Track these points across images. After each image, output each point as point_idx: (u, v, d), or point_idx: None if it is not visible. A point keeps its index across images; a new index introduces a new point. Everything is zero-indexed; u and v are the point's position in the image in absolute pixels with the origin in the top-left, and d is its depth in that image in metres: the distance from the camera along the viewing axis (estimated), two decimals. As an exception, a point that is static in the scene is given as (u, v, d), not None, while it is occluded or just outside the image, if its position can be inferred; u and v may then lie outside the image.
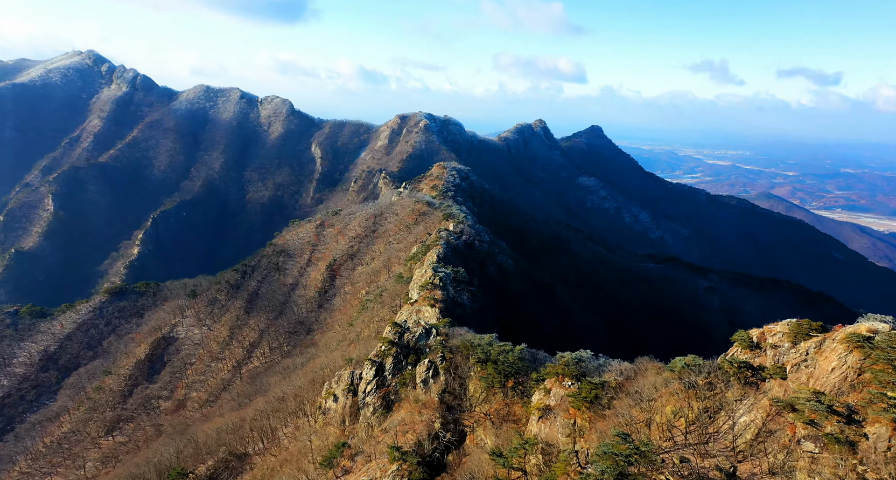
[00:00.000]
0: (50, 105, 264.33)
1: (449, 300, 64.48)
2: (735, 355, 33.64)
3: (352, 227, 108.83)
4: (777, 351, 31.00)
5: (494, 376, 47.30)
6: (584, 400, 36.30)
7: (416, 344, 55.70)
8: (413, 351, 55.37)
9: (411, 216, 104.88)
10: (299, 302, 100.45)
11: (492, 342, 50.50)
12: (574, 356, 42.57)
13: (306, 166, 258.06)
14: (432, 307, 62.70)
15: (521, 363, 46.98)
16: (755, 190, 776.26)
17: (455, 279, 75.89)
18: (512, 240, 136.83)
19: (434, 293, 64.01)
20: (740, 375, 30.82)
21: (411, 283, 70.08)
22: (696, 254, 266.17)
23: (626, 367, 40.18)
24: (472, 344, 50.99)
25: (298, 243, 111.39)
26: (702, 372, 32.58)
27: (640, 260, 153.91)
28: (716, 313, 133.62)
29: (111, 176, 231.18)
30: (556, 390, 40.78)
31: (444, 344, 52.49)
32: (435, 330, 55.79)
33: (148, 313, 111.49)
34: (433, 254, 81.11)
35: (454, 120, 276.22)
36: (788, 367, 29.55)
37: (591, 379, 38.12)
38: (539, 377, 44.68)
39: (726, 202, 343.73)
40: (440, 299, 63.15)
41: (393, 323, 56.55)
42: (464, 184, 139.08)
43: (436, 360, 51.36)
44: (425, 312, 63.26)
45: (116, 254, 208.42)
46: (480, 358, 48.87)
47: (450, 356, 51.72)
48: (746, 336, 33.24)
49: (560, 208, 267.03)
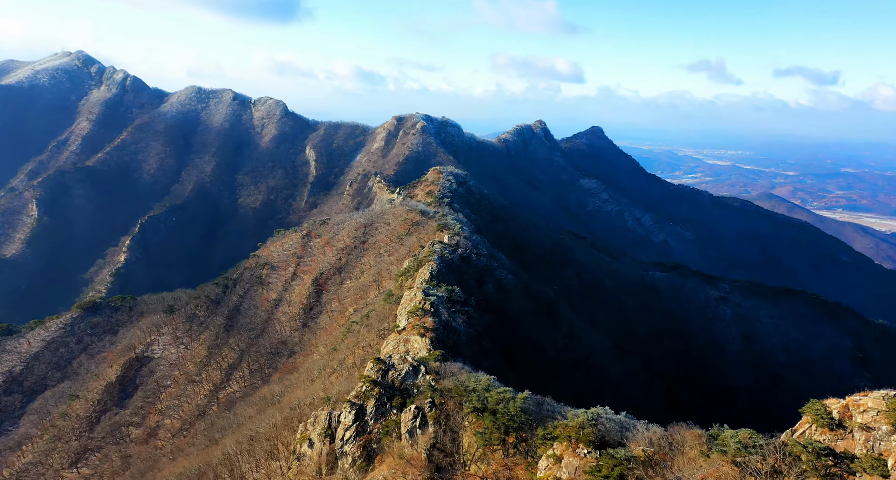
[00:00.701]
0: (37, 107, 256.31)
1: (441, 327, 56.69)
2: (809, 434, 25.68)
3: (340, 238, 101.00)
4: (870, 434, 23.10)
5: (492, 430, 39.47)
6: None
7: (403, 383, 47.77)
8: (399, 392, 47.45)
9: (404, 226, 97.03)
10: (282, 319, 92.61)
11: (489, 386, 42.67)
12: (590, 415, 34.71)
13: (300, 169, 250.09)
14: (422, 337, 54.95)
15: (525, 415, 39.11)
16: (756, 190, 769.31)
17: (450, 299, 68.05)
18: (512, 249, 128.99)
19: (424, 320, 56.18)
20: (820, 465, 22.92)
21: (399, 307, 62.22)
22: (700, 258, 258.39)
23: (656, 435, 32.22)
24: (467, 387, 43.12)
25: (283, 255, 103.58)
26: (764, 455, 24.64)
27: (646, 268, 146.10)
28: (728, 325, 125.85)
29: (98, 180, 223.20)
30: (569, 459, 32.98)
31: (433, 386, 44.65)
32: (424, 368, 47.87)
33: (123, 330, 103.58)
34: (426, 271, 73.28)
35: (452, 121, 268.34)
36: (891, 462, 21.74)
37: (614, 453, 30.21)
38: (547, 434, 36.87)
39: (729, 204, 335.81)
40: (431, 327, 55.37)
41: (375, 360, 48.63)
42: (461, 189, 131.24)
43: (424, 407, 43.48)
44: (414, 343, 55.51)
45: (103, 262, 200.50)
46: (476, 406, 41.03)
47: (440, 401, 43.84)
48: (823, 409, 25.28)
49: (561, 211, 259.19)
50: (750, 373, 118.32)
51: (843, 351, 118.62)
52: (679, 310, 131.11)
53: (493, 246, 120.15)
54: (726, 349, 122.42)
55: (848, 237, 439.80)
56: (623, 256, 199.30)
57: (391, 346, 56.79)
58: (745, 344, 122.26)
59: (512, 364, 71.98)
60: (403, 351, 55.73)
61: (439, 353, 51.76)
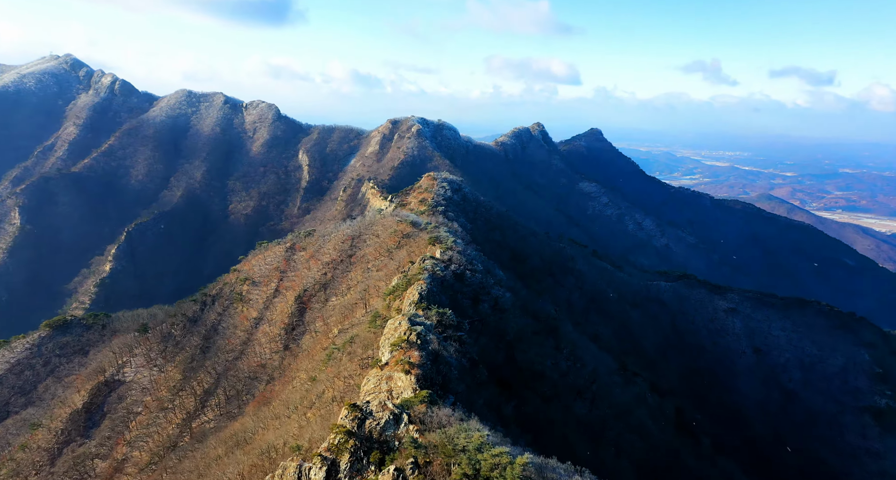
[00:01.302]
0: (23, 112, 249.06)
1: (429, 362, 49.66)
2: None
3: (326, 251, 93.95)
4: None
5: (486, 504, 32.54)
6: None
7: (382, 435, 40.62)
8: (377, 444, 40.30)
9: (393, 238, 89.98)
10: (263, 340, 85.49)
11: (482, 445, 35.65)
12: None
13: (293, 174, 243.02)
14: (407, 374, 47.95)
15: (525, 487, 32.15)
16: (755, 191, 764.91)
17: (441, 323, 61.03)
18: (510, 259, 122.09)
19: (409, 354, 49.14)
20: None
21: (382, 337, 55.14)
22: (703, 263, 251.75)
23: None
24: (456, 446, 36.02)
25: (265, 269, 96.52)
26: None
27: (651, 277, 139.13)
28: (738, 338, 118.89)
29: (85, 186, 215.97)
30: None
31: (416, 442, 37.62)
32: (407, 416, 40.74)
33: (94, 350, 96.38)
34: (414, 292, 66.24)
35: (448, 124, 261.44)
36: None
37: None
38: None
39: (731, 206, 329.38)
40: (417, 363, 48.36)
41: (351, 406, 41.54)
42: (456, 196, 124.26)
43: (405, 468, 36.37)
44: (398, 381, 48.51)
45: (87, 271, 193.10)
46: (466, 473, 34.04)
47: (425, 460, 36.81)
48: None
49: (560, 216, 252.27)
50: (762, 389, 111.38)
51: (860, 365, 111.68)
52: (686, 323, 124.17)
53: (490, 257, 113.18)
54: (737, 363, 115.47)
55: (849, 238, 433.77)
56: (626, 265, 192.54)
57: (372, 384, 49.73)
58: (757, 358, 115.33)
59: (510, 393, 65.00)
60: (386, 390, 48.62)
61: (426, 394, 44.59)
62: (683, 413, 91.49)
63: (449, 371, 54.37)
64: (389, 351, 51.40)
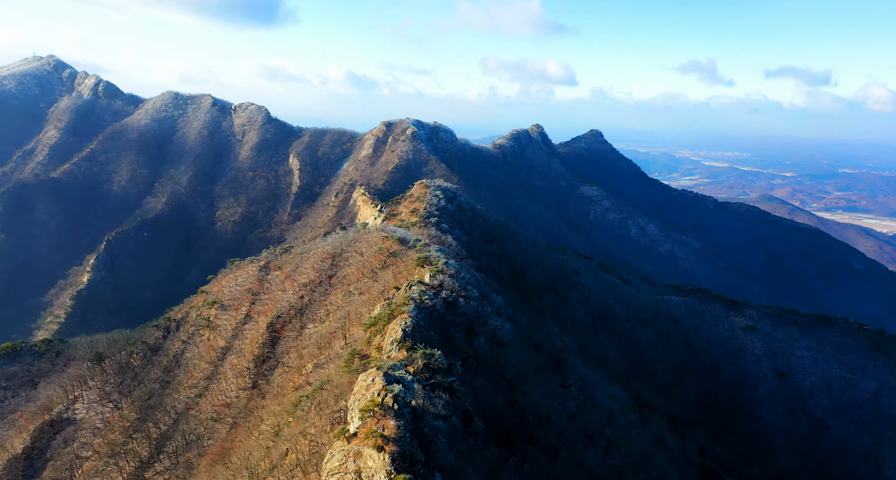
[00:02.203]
0: (3, 115, 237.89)
1: (408, 433, 38.96)
2: None
3: (303, 271, 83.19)
4: None
5: None
6: None
7: (340, 551, 30.06)
8: (333, 564, 29.74)
9: (378, 257, 79.16)
10: (229, 374, 74.61)
11: None
12: None
13: (283, 179, 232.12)
14: (380, 451, 37.43)
15: None
16: (754, 192, 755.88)
17: (427, 367, 50.35)
18: (510, 274, 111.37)
19: (384, 424, 38.36)
20: None
21: (352, 397, 44.23)
22: (709, 269, 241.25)
23: None
24: None
25: (236, 290, 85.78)
26: None
27: (661, 292, 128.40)
28: (758, 360, 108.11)
29: (64, 193, 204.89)
30: None
31: None
32: (374, 526, 30.17)
33: (44, 382, 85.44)
34: (397, 328, 55.43)
35: (445, 126, 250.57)
36: None
37: None
38: None
39: (735, 209, 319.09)
40: (393, 436, 37.62)
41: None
42: (450, 206, 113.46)
43: None
44: (369, 460, 37.75)
45: (64, 283, 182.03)
46: None
47: None
48: None
49: (560, 220, 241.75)
50: (788, 417, 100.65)
51: (894, 390, 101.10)
52: (701, 342, 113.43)
53: (489, 272, 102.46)
54: (758, 388, 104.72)
55: (851, 240, 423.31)
56: (628, 271, 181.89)
57: (336, 461, 38.90)
58: (780, 382, 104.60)
59: (512, 450, 54.26)
60: (353, 471, 37.75)
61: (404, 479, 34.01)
62: (706, 452, 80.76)
63: (436, 437, 43.45)
64: (359, 417, 40.60)
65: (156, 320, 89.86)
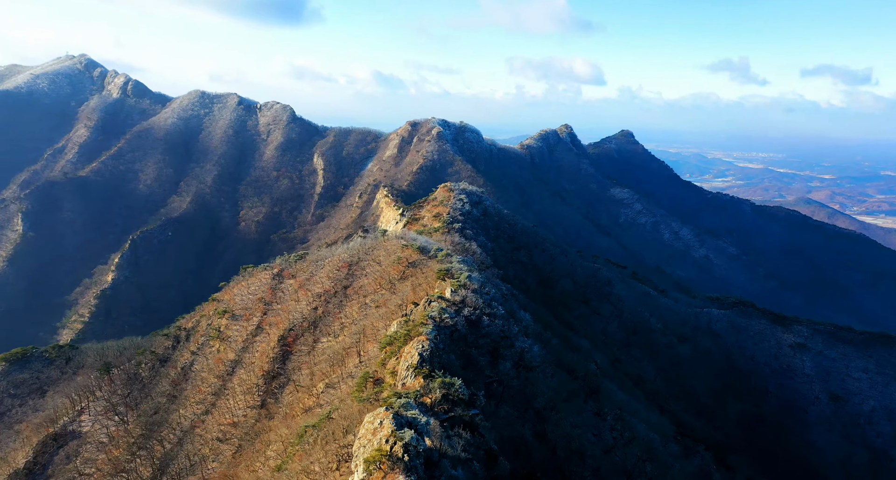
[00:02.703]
0: (35, 113, 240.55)
1: (421, 489, 33.33)
2: None
3: (318, 280, 78.17)
4: None
5: None
6: None
7: None
8: None
9: (397, 267, 73.54)
10: (238, 391, 69.94)
11: None
12: None
13: (307, 179, 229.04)
14: (386, 513, 31.95)
15: None
16: (791, 194, 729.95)
17: (446, 398, 44.49)
18: (537, 283, 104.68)
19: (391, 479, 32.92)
20: None
21: (356, 444, 38.56)
22: (746, 277, 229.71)
23: None
24: None
25: (248, 299, 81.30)
26: None
27: (700, 303, 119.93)
28: (809, 381, 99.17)
29: (91, 191, 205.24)
30: None
31: None
32: None
33: (52, 390, 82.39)
34: (413, 351, 49.61)
35: (471, 126, 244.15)
36: None
37: None
38: None
39: (773, 213, 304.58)
40: (402, 494, 32.22)
41: None
42: (475, 210, 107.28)
43: None
44: (373, 523, 32.50)
45: (89, 281, 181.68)
46: None
47: None
48: None
49: (589, 224, 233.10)
50: (844, 445, 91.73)
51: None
52: (744, 360, 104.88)
53: (515, 282, 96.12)
54: (809, 412, 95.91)
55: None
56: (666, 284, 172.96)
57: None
58: (834, 406, 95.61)
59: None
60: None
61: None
62: (754, 486, 73.02)
63: (453, 489, 37.63)
64: (364, 469, 34.99)
65: (166, 328, 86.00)
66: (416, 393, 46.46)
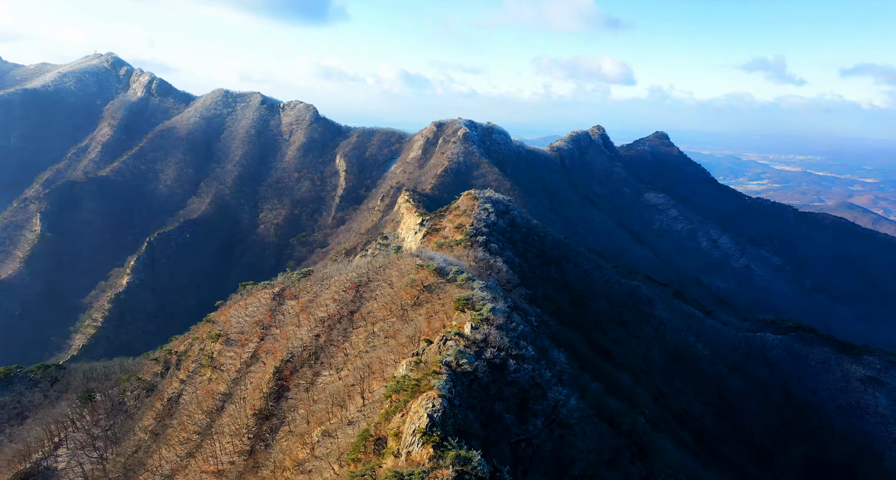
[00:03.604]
0: (62, 112, 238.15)
1: None
2: None
3: (322, 302, 68.50)
4: None
5: None
6: None
7: None
8: None
9: (410, 292, 63.16)
10: (227, 430, 60.57)
11: None
12: None
13: (328, 181, 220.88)
14: None
15: None
16: (831, 198, 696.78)
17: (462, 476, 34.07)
18: (569, 302, 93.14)
19: None
20: None
21: None
22: (792, 289, 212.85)
23: None
24: None
25: (245, 322, 72.14)
26: None
27: (752, 326, 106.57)
28: (884, 422, 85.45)
29: (111, 191, 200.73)
30: None
31: None
32: None
33: (33, 416, 74.52)
34: (422, 412, 39.14)
35: (498, 127, 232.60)
36: None
37: None
38: None
39: (818, 220, 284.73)
40: None
41: None
42: (501, 221, 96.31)
43: None
44: None
45: (105, 284, 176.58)
46: None
47: None
48: None
49: (622, 231, 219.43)
50: (927, 503, 77.98)
51: None
52: (805, 394, 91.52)
53: (545, 304, 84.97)
54: (887, 459, 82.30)
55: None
56: (705, 296, 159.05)
57: None
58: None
59: None
60: None
61: None
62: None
63: None
64: None
65: (158, 349, 77.42)
66: (421, 473, 35.84)
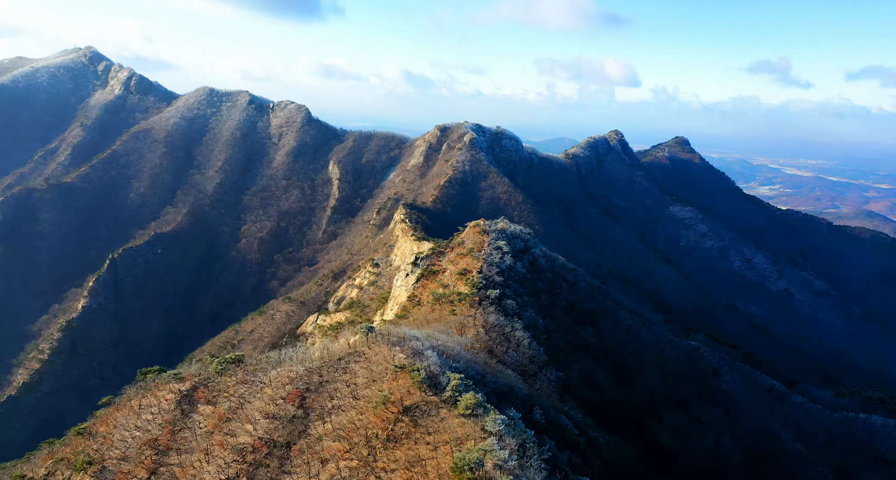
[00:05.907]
0: (31, 110, 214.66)
1: None
2: None
3: (249, 414, 43.71)
4: None
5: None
6: None
7: None
8: None
9: (381, 417, 37.78)
10: None
11: None
12: None
13: (320, 190, 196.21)
14: None
15: None
16: (846, 205, 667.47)
17: None
18: (612, 375, 67.65)
19: None
20: None
21: None
22: (838, 317, 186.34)
23: None
24: None
25: (133, 440, 47.34)
26: None
27: (851, 404, 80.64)
28: None
29: (75, 200, 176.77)
30: None
31: None
32: None
33: None
34: None
35: (509, 132, 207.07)
36: None
37: None
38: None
39: (857, 235, 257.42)
40: None
41: None
42: (520, 265, 71.22)
43: None
44: None
45: (59, 307, 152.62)
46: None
47: None
48: None
49: (645, 248, 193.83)
50: None
51: None
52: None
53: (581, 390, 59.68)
54: None
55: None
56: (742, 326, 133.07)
57: None
58: None
59: None
60: None
61: None
62: None
63: None
64: None
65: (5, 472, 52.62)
66: None
